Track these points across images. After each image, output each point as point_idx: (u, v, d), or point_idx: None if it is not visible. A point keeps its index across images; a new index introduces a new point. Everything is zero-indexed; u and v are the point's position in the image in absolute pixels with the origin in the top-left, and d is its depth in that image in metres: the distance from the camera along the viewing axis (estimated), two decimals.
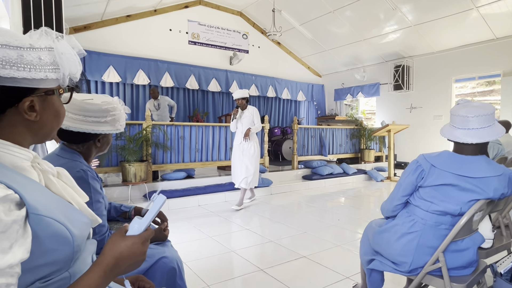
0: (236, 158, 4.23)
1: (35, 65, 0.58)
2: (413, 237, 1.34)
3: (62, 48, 0.64)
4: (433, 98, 7.07)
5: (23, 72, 0.56)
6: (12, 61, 0.55)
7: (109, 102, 1.23)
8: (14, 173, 0.57)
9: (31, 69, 0.57)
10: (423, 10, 5.97)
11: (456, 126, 1.33)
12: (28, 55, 0.57)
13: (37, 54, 0.58)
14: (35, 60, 0.58)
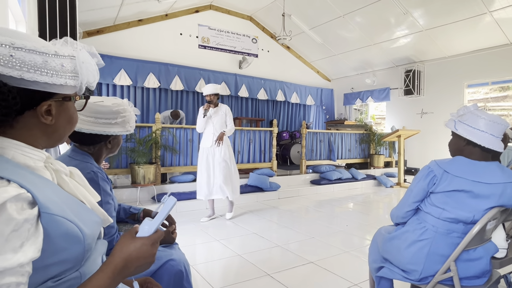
0: (204, 165, 3.66)
1: (57, 71, 0.60)
2: (423, 245, 1.32)
3: (83, 57, 0.67)
4: (445, 104, 6.96)
5: (46, 77, 0.58)
6: (37, 65, 0.57)
7: (119, 104, 1.25)
8: (27, 172, 0.58)
9: (53, 75, 0.60)
10: (434, 15, 5.91)
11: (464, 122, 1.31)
12: (52, 61, 0.59)
13: (60, 61, 0.61)
14: (57, 66, 0.60)
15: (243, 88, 7.83)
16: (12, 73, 0.55)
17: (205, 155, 3.66)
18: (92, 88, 0.73)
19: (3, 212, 0.47)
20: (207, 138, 3.67)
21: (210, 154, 3.65)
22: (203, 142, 3.71)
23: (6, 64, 0.54)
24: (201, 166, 3.68)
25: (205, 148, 3.67)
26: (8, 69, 0.54)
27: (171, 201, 0.72)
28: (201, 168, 3.68)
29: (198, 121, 3.63)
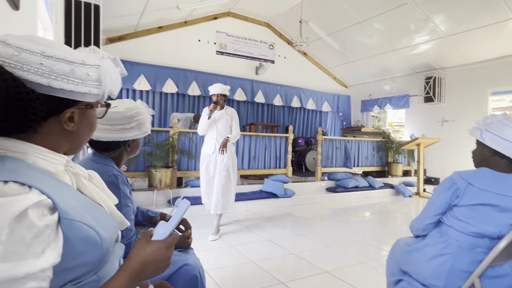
0: (203, 173, 3.37)
1: (83, 80, 0.62)
2: (445, 260, 1.26)
3: (108, 67, 0.69)
4: (467, 111, 6.73)
5: (72, 85, 0.60)
6: (64, 74, 0.59)
7: (133, 107, 1.27)
8: (48, 177, 0.60)
9: (79, 83, 0.61)
10: (457, 21, 5.76)
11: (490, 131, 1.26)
12: (79, 70, 0.61)
13: (86, 70, 0.63)
14: (83, 75, 0.62)
15: (259, 94, 7.86)
16: (40, 80, 0.57)
17: (206, 162, 3.34)
18: (113, 96, 0.75)
19: (24, 218, 0.49)
20: (209, 143, 3.33)
21: (212, 162, 3.32)
22: (204, 148, 3.38)
23: (36, 71, 0.56)
24: (201, 174, 3.40)
25: (206, 155, 3.35)
26: (38, 76, 0.56)
27: (184, 204, 0.72)
28: (202, 176, 3.40)
29: (201, 123, 3.29)
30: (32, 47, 0.56)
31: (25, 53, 0.56)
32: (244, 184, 5.35)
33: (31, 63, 0.56)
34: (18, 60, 0.55)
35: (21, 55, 0.55)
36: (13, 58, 0.55)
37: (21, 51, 0.55)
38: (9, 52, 0.55)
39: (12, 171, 0.54)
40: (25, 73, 0.55)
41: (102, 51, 0.72)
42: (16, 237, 0.47)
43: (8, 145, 0.59)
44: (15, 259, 0.47)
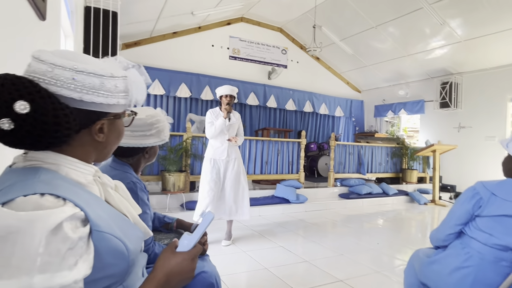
0: (215, 178, 3.15)
1: (112, 92, 0.64)
2: (468, 272, 1.23)
3: (134, 77, 0.70)
4: (485, 118, 6.57)
5: (102, 98, 0.62)
6: (95, 87, 0.61)
7: (153, 115, 1.29)
8: (80, 189, 0.61)
9: (108, 96, 0.63)
10: (474, 25, 5.64)
11: None
12: (108, 83, 0.63)
13: (114, 82, 0.64)
14: (112, 87, 0.63)
15: (272, 99, 7.87)
16: (73, 95, 0.58)
17: (216, 168, 3.16)
18: (139, 105, 0.77)
19: (60, 231, 0.50)
20: (219, 148, 3.17)
21: (222, 168, 3.18)
22: (215, 153, 3.17)
23: (69, 86, 0.58)
24: (210, 180, 3.15)
25: (217, 160, 3.17)
26: (70, 91, 0.58)
27: (209, 216, 0.73)
28: (210, 183, 3.14)
29: (215, 126, 3.08)
30: (65, 63, 0.58)
31: (58, 69, 0.57)
32: (256, 189, 5.35)
33: (64, 79, 0.57)
34: (52, 76, 0.57)
35: (55, 71, 0.57)
36: (47, 74, 0.57)
37: (54, 67, 0.57)
38: (43, 69, 0.57)
39: (47, 183, 0.55)
40: (58, 89, 0.57)
41: (127, 60, 0.73)
42: (52, 249, 0.48)
43: (42, 156, 0.60)
44: (51, 270, 0.48)
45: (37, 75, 0.56)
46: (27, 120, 0.53)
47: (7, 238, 0.47)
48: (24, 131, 0.53)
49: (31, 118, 0.53)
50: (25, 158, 0.61)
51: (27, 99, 0.52)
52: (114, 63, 0.69)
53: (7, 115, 0.52)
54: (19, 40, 1.05)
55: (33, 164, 0.60)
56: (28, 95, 0.53)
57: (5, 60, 0.91)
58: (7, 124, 0.52)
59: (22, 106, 0.52)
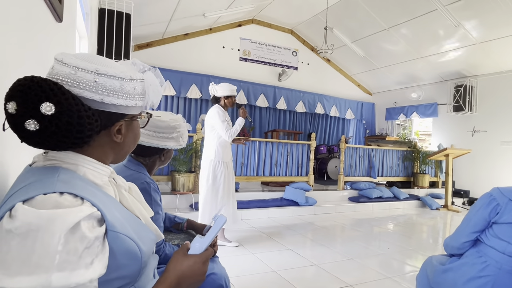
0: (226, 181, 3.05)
1: (130, 94, 0.65)
2: (484, 282, 1.19)
3: (151, 79, 0.72)
4: (501, 122, 6.40)
5: (121, 100, 0.63)
6: (115, 90, 0.62)
7: (176, 119, 1.35)
8: (97, 189, 0.62)
9: (127, 98, 0.64)
10: (490, 27, 5.52)
11: None
12: (127, 85, 0.64)
13: (133, 84, 0.65)
14: (131, 90, 0.65)
15: (282, 101, 7.85)
16: (95, 97, 0.60)
17: (226, 170, 3.07)
18: (154, 107, 0.78)
19: (78, 230, 0.50)
20: (227, 149, 3.09)
21: (230, 169, 3.13)
22: (225, 155, 3.06)
23: (91, 89, 0.59)
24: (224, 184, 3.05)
25: (228, 162, 3.11)
26: (92, 93, 0.59)
27: (221, 219, 0.73)
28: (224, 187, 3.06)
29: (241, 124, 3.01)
30: (87, 66, 0.59)
31: (81, 71, 0.59)
32: (265, 191, 5.34)
33: (86, 81, 0.59)
34: (75, 78, 0.58)
35: (78, 74, 0.58)
36: (70, 77, 0.58)
37: (77, 70, 0.58)
38: (66, 71, 0.58)
39: (66, 183, 0.56)
40: (81, 91, 0.59)
41: (143, 63, 0.75)
42: (70, 248, 0.49)
43: (61, 156, 0.62)
44: (68, 269, 0.48)
45: (60, 77, 0.58)
46: (52, 121, 0.54)
47: (27, 235, 0.47)
48: (50, 131, 0.55)
49: (56, 119, 0.55)
50: (45, 157, 0.62)
51: (53, 100, 0.54)
52: (131, 66, 0.70)
53: (33, 116, 0.53)
54: (37, 41, 1.07)
55: (53, 163, 0.61)
56: (54, 97, 0.54)
57: (23, 61, 0.93)
58: (33, 125, 0.53)
59: (48, 108, 0.53)
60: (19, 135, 0.55)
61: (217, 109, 2.97)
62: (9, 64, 0.82)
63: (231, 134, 2.94)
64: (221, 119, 2.93)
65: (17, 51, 0.88)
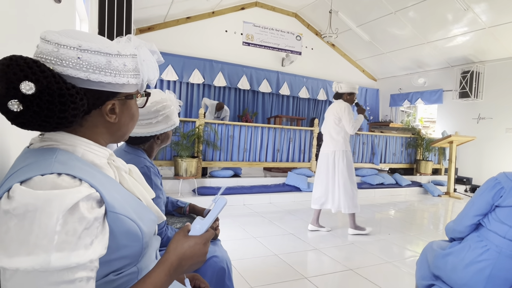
0: (352, 167, 3.42)
1: (120, 71, 0.62)
2: (484, 266, 1.20)
3: (144, 55, 0.68)
4: (507, 109, 6.32)
5: (109, 77, 0.60)
6: (101, 66, 0.59)
7: (158, 101, 1.24)
8: (95, 170, 0.61)
9: (116, 75, 0.61)
10: (500, 10, 5.36)
11: None
12: (115, 61, 0.61)
13: (122, 60, 0.63)
14: (120, 66, 0.62)
15: (285, 86, 7.77)
16: (79, 74, 0.57)
17: (350, 158, 3.40)
18: (152, 85, 0.75)
19: (76, 211, 0.50)
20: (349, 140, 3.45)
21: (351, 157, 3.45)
22: (348, 145, 3.42)
23: (74, 66, 0.57)
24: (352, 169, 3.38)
25: (349, 151, 3.42)
26: (76, 71, 0.57)
27: (222, 201, 0.72)
28: (352, 171, 3.38)
29: (358, 123, 3.29)
30: (69, 42, 0.57)
31: (63, 48, 0.56)
32: (268, 176, 5.36)
33: (69, 58, 0.56)
34: (57, 56, 0.56)
35: (60, 51, 0.56)
36: (53, 55, 0.56)
37: (59, 46, 0.56)
38: (49, 49, 0.56)
39: (64, 164, 0.56)
40: (65, 69, 0.56)
41: (138, 39, 0.71)
42: (69, 228, 0.49)
43: (58, 137, 0.61)
44: (68, 249, 0.48)
45: (44, 56, 0.56)
46: (33, 101, 0.53)
47: (25, 216, 0.47)
48: (32, 111, 0.53)
49: (37, 98, 0.53)
50: (42, 139, 0.61)
51: (32, 79, 0.52)
52: (126, 42, 0.68)
53: (15, 96, 0.51)
54: (35, 22, 1.05)
55: (49, 144, 0.60)
56: (33, 75, 0.52)
57: (20, 42, 0.92)
58: (16, 106, 0.52)
59: (27, 87, 0.51)
60: (7, 117, 0.54)
61: (346, 105, 3.25)
62: (4, 46, 0.80)
63: (355, 128, 3.22)
64: (350, 114, 3.21)
65: (13, 33, 0.86)
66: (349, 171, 3.30)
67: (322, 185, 3.36)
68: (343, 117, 3.22)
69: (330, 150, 3.34)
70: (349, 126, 3.21)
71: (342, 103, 3.27)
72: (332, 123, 3.30)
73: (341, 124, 3.27)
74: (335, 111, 3.27)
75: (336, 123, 3.27)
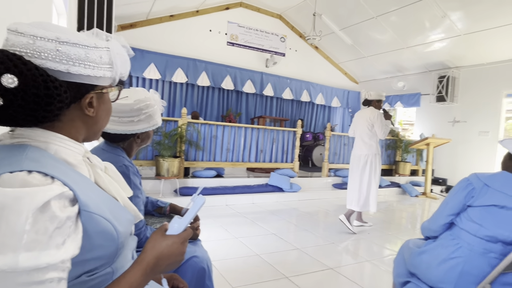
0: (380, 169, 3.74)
1: (97, 64, 0.61)
2: (456, 263, 1.25)
3: (117, 48, 0.67)
4: (480, 113, 6.61)
5: (88, 69, 0.59)
6: (80, 59, 0.58)
7: (142, 99, 1.22)
8: (69, 169, 0.59)
9: (94, 67, 0.60)
10: (475, 19, 5.60)
11: None
12: (93, 54, 0.60)
13: (99, 53, 0.62)
14: (97, 58, 0.61)
15: (269, 87, 7.81)
16: (59, 67, 0.56)
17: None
18: (124, 78, 0.73)
19: (48, 209, 0.48)
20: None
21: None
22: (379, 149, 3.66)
23: (54, 58, 0.55)
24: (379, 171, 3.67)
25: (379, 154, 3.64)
26: (56, 63, 0.55)
27: (200, 200, 0.72)
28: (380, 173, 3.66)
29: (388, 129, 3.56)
30: (46, 34, 0.55)
31: (40, 40, 0.54)
32: (250, 177, 5.36)
33: (48, 51, 0.54)
34: (35, 48, 0.54)
35: (37, 43, 0.54)
36: (29, 47, 0.54)
37: (36, 39, 0.54)
38: (24, 41, 0.54)
39: (35, 161, 0.53)
40: (44, 61, 0.54)
41: (106, 33, 0.70)
42: (39, 227, 0.47)
43: (29, 133, 0.58)
44: (38, 248, 0.47)
45: (18, 49, 0.53)
46: (17, 95, 0.50)
47: None
48: (16, 106, 0.51)
49: (21, 92, 0.51)
50: (12, 135, 0.59)
51: (14, 72, 0.50)
52: (93, 36, 0.66)
53: None
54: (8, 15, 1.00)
55: (20, 141, 0.58)
56: (15, 68, 0.50)
57: None
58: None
59: (10, 80, 0.49)
60: None
61: (379, 112, 3.50)
62: None
63: (385, 133, 3.51)
64: (382, 121, 3.48)
65: None
66: (379, 173, 3.60)
67: (356, 185, 3.61)
68: (376, 124, 3.46)
69: (363, 153, 3.55)
70: (381, 132, 3.47)
71: (374, 110, 3.50)
72: (365, 128, 3.52)
73: (374, 130, 3.50)
74: (368, 117, 3.49)
75: (369, 128, 3.50)
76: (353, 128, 3.72)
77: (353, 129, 3.73)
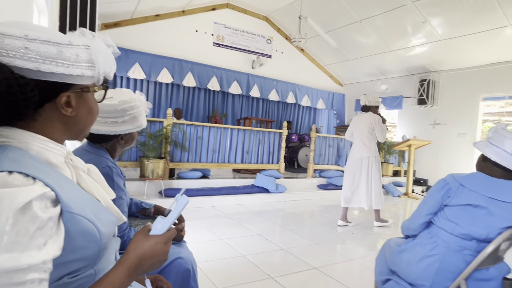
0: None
1: (73, 62, 0.60)
2: (434, 260, 1.29)
3: (99, 46, 0.65)
4: (459, 115, 6.85)
5: (62, 67, 0.58)
6: (52, 56, 0.57)
7: (127, 100, 1.21)
8: (51, 169, 0.58)
9: (69, 65, 0.59)
10: (454, 25, 5.81)
11: (492, 143, 1.30)
12: (67, 52, 0.59)
13: (75, 51, 0.60)
14: (73, 56, 0.60)
15: (255, 88, 7.84)
16: (28, 65, 0.54)
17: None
18: (109, 78, 0.72)
19: (29, 210, 0.48)
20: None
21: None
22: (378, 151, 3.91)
23: (22, 56, 0.54)
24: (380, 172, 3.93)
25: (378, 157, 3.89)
26: (24, 61, 0.54)
27: (183, 200, 0.72)
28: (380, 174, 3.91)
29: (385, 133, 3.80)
30: (15, 32, 0.54)
31: (8, 38, 0.53)
32: (236, 178, 5.36)
33: (15, 48, 0.53)
34: (2, 46, 0.53)
35: (5, 41, 0.53)
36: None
37: (3, 37, 0.53)
38: None
39: (16, 161, 0.53)
40: (11, 60, 0.53)
41: (91, 32, 0.68)
42: (20, 228, 0.47)
43: (9, 134, 0.57)
44: (18, 250, 0.46)
45: None
46: None
47: None
48: None
49: None
50: None
51: None
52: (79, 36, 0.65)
53: None
54: None
55: (0, 141, 0.57)
56: None
57: None
58: None
59: None
60: None
61: (378, 117, 3.76)
62: None
63: (384, 137, 3.76)
64: (382, 125, 3.74)
65: None
66: (380, 173, 3.84)
67: (353, 186, 3.84)
68: (376, 128, 3.72)
69: (364, 156, 3.79)
70: (381, 135, 3.74)
71: (374, 115, 3.77)
72: (365, 132, 3.76)
73: (374, 133, 3.76)
74: (369, 122, 3.74)
75: (369, 132, 3.74)
76: (351, 132, 3.91)
77: (350, 132, 3.92)
